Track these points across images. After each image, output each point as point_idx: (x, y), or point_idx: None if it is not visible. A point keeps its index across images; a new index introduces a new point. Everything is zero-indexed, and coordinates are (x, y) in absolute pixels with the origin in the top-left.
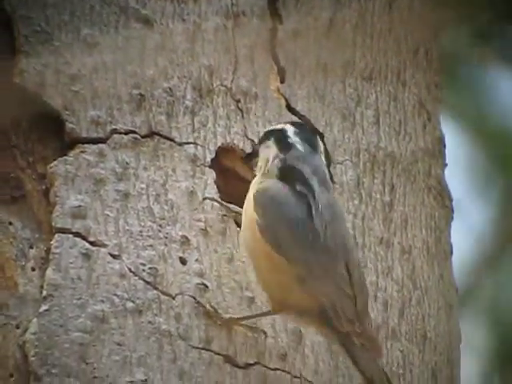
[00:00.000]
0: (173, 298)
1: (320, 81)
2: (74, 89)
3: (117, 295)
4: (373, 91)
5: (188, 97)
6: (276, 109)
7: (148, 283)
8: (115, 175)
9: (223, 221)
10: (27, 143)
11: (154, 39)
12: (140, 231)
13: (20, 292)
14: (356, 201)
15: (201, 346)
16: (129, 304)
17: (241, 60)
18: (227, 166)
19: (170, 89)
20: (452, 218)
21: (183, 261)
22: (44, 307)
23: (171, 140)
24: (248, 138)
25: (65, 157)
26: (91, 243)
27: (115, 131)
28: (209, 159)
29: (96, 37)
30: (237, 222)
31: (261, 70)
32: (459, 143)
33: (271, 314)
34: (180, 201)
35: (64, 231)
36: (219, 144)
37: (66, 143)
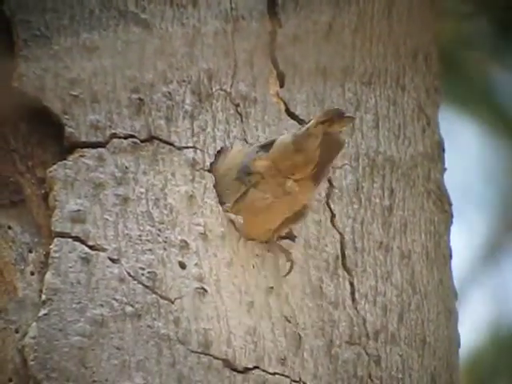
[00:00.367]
0: (172, 302)
1: (319, 85)
2: (74, 93)
3: (116, 299)
4: (372, 96)
5: (187, 101)
6: (275, 113)
7: (147, 287)
8: (114, 179)
9: (222, 225)
10: (26, 147)
11: (154, 43)
12: (139, 235)
13: (19, 296)
14: (355, 205)
15: (200, 351)
16: (128, 308)
17: (240, 64)
18: None
19: (170, 93)
20: (451, 223)
21: (182, 265)
22: (43, 311)
23: (170, 144)
24: (247, 143)
25: (64, 161)
26: (90, 247)
27: (114, 135)
28: (208, 163)
29: (95, 41)
30: (236, 227)
31: (260, 75)
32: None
33: None
34: (179, 205)
35: (63, 235)
36: (218, 148)
37: (66, 147)
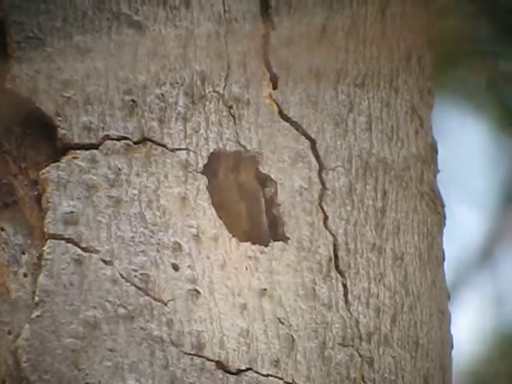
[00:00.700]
0: (165, 304)
1: (312, 87)
2: (66, 95)
3: (109, 301)
4: (365, 98)
5: (180, 103)
6: (268, 115)
7: (140, 289)
8: (107, 181)
9: (215, 227)
10: (19, 149)
11: (147, 45)
12: (132, 237)
13: (12, 298)
14: (348, 207)
15: (193, 352)
16: (121, 310)
17: (233, 66)
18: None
19: (163, 95)
20: (444, 225)
21: (175, 267)
22: (36, 313)
23: (163, 146)
24: (240, 145)
25: (57, 163)
26: (83, 249)
27: (107, 137)
28: (201, 165)
29: (88, 43)
30: (229, 229)
31: (253, 77)
32: None
33: None
34: (172, 207)
35: (56, 237)
36: (211, 150)
37: (59, 149)
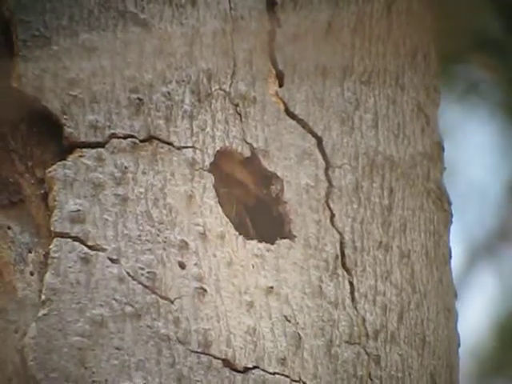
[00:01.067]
0: (171, 302)
1: (318, 84)
2: (73, 93)
3: (115, 299)
4: (371, 95)
5: (186, 101)
6: (274, 113)
7: (146, 287)
8: (114, 179)
9: (222, 225)
10: (26, 148)
11: (153, 43)
12: (139, 235)
13: (19, 296)
14: (355, 204)
15: (199, 351)
16: (127, 308)
17: (239, 64)
18: (226, 171)
19: (169, 93)
20: (451, 222)
21: (182, 265)
22: (43, 311)
23: (170, 144)
24: (246, 142)
25: (63, 161)
26: (90, 247)
27: (114, 135)
28: (207, 163)
29: (94, 41)
30: (235, 227)
31: (259, 74)
32: None
33: None
34: (179, 205)
35: (63, 235)
36: (217, 148)
37: (65, 147)
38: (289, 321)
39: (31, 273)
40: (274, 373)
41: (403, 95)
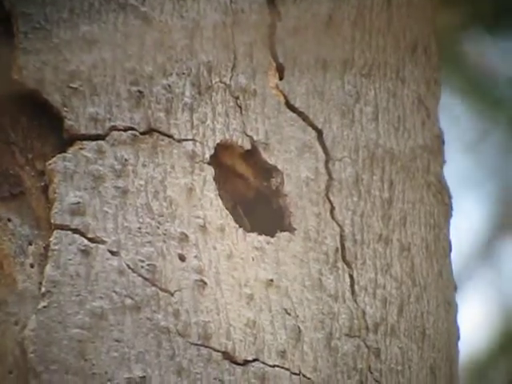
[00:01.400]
0: (171, 295)
1: (319, 77)
2: (73, 86)
3: (115, 292)
4: (372, 88)
5: (187, 93)
6: (275, 105)
7: (146, 280)
8: (114, 172)
9: (222, 217)
10: (26, 140)
11: (153, 36)
12: (139, 228)
13: (19, 289)
14: (355, 197)
15: (199, 343)
16: (127, 301)
17: (239, 57)
18: (226, 163)
19: (169, 85)
20: (451, 215)
21: (182, 257)
22: (43, 304)
23: (170, 137)
24: (247, 135)
25: (64, 154)
26: (90, 240)
27: (114, 128)
28: (208, 156)
29: (95, 34)
30: (235, 219)
31: (259, 67)
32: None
33: None
34: (179, 197)
35: (63, 228)
36: (218, 141)
37: (65, 140)
38: (289, 314)
39: (31, 265)
40: (274, 365)
41: (404, 88)
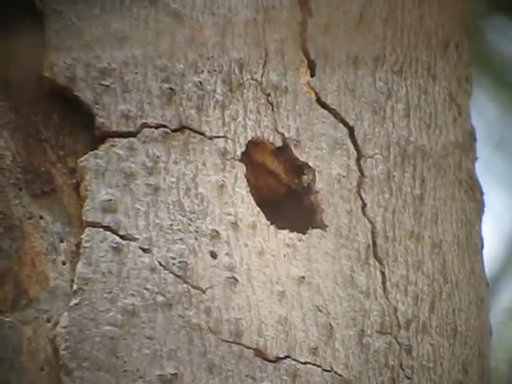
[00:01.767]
0: (203, 292)
1: (350, 74)
2: (105, 83)
3: (147, 289)
4: (403, 85)
5: (218, 91)
6: (306, 102)
7: (178, 277)
8: (145, 169)
9: (253, 214)
10: (58, 137)
11: (184, 33)
12: (170, 225)
13: (51, 286)
14: (386, 194)
15: (231, 340)
16: (159, 298)
17: (271, 54)
18: (257, 160)
19: (201, 82)
20: (483, 212)
21: (213, 254)
22: (74, 301)
23: (201, 134)
24: (278, 132)
25: (95, 151)
26: (122, 237)
27: (146, 125)
28: (239, 153)
29: (126, 31)
30: (267, 216)
31: (291, 64)
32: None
33: None
34: (210, 194)
35: (94, 225)
36: (249, 138)
37: (97, 137)
38: (320, 310)
39: (63, 262)
40: (306, 362)
41: (435, 85)
